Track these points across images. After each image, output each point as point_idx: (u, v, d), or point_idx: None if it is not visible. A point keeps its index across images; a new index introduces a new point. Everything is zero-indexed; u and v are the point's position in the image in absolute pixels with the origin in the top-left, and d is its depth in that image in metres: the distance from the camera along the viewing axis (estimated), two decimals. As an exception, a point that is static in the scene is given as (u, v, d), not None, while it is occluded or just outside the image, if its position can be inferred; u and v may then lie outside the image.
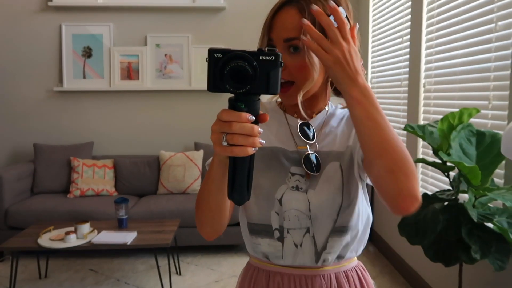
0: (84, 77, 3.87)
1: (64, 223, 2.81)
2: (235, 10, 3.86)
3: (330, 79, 0.86)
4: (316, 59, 0.78)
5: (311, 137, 0.86)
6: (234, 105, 0.59)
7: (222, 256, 3.24)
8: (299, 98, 0.80)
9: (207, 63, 0.59)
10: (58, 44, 3.87)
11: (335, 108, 0.92)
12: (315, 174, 0.84)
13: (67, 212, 3.16)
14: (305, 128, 0.87)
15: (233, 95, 0.59)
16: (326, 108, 0.90)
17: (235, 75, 0.57)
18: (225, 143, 0.58)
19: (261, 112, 0.61)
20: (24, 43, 3.84)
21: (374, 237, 3.43)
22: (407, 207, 0.68)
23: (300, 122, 0.87)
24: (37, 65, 3.87)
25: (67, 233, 2.51)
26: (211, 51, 0.58)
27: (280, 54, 0.59)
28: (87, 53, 3.89)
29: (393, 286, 2.73)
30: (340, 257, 0.87)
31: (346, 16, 0.78)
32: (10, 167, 3.45)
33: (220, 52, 0.58)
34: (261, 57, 0.58)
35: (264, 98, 0.69)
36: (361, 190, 0.86)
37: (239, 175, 0.62)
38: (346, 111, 0.91)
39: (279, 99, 0.93)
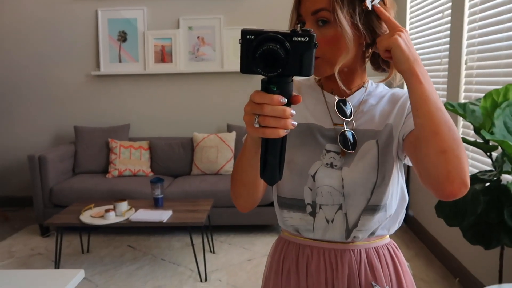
0: (120, 61, 3.97)
1: (103, 202, 2.93)
2: (267, -11, 3.80)
3: (367, 55, 0.84)
4: (348, 30, 0.76)
5: (348, 115, 0.85)
6: (266, 87, 0.58)
7: (255, 235, 3.28)
8: (336, 71, 0.78)
9: (239, 44, 0.58)
10: (94, 29, 3.97)
11: (376, 87, 0.89)
12: (351, 152, 0.83)
13: (106, 191, 3.29)
14: (342, 105, 0.85)
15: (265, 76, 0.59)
16: (365, 86, 0.88)
17: (266, 58, 0.56)
18: (257, 125, 0.59)
19: (294, 93, 0.60)
20: (63, 29, 3.97)
21: (409, 220, 3.36)
22: (455, 191, 0.66)
23: (337, 99, 0.86)
24: (75, 50, 4.00)
25: (107, 211, 2.62)
26: (244, 32, 0.57)
27: (315, 34, 0.57)
28: (122, 37, 3.97)
29: (429, 268, 2.67)
30: (371, 234, 0.86)
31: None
32: (53, 149, 3.62)
33: (253, 34, 0.56)
34: (294, 38, 0.56)
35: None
36: (397, 170, 0.85)
37: (271, 156, 0.62)
38: (388, 90, 0.89)
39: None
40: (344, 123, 0.85)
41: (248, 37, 0.57)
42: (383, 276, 0.85)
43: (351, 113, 0.85)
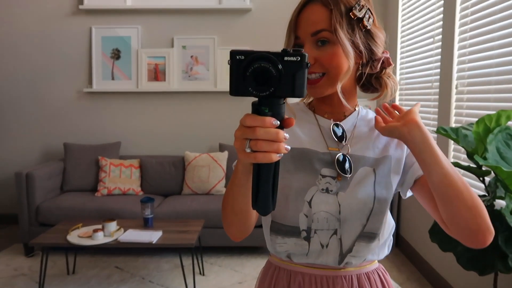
0: (113, 79, 3.96)
1: (92, 221, 2.87)
2: (261, 11, 3.86)
3: (358, 75, 0.85)
4: (350, 48, 0.78)
5: (343, 139, 0.85)
6: (257, 109, 0.56)
7: (246, 257, 3.22)
8: (339, 89, 0.80)
9: (229, 66, 0.56)
10: (88, 46, 3.97)
11: (366, 112, 0.91)
12: (347, 176, 0.82)
13: (95, 210, 3.23)
14: (336, 129, 0.85)
15: (256, 99, 0.56)
16: (357, 109, 0.89)
17: (258, 77, 0.54)
18: (248, 150, 0.56)
19: (286, 116, 0.57)
20: (56, 45, 3.96)
21: (401, 243, 3.34)
22: (485, 240, 0.74)
23: (333, 122, 0.86)
24: (68, 67, 3.98)
25: (95, 231, 2.56)
26: (233, 53, 0.55)
27: (306, 54, 0.55)
28: (116, 55, 3.97)
29: (422, 293, 2.65)
30: (363, 260, 0.87)
31: (368, 9, 0.79)
32: (41, 166, 3.56)
33: (243, 54, 0.55)
34: (285, 58, 0.54)
35: (291, 100, 0.67)
36: (390, 199, 0.85)
37: (263, 183, 0.59)
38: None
39: (308, 100, 0.92)
40: (340, 148, 0.85)
41: (237, 57, 0.55)
42: None
43: (345, 137, 0.85)
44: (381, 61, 0.85)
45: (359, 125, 0.87)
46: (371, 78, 0.87)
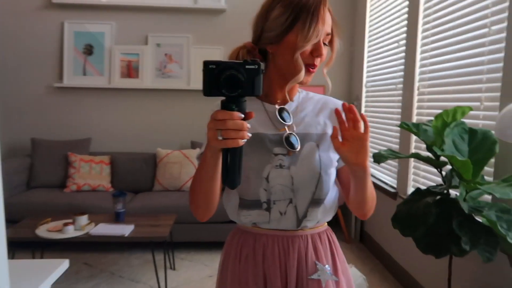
0: (85, 74, 3.91)
1: (61, 216, 2.82)
2: (236, 12, 3.94)
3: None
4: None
5: (289, 120, 0.98)
6: (227, 106, 0.71)
7: (215, 252, 3.26)
8: (329, 81, 1.01)
9: (202, 72, 0.70)
10: (59, 41, 3.91)
11: (306, 93, 1.06)
12: (295, 151, 0.96)
13: (64, 206, 3.18)
14: (282, 112, 0.99)
15: (225, 98, 0.71)
16: (299, 92, 1.04)
17: (229, 82, 0.69)
18: (220, 138, 0.71)
19: (247, 111, 0.73)
20: (27, 39, 3.87)
21: (365, 238, 3.48)
22: (367, 217, 1.02)
23: (278, 107, 0.99)
24: (38, 61, 3.90)
25: (65, 224, 2.53)
26: (206, 63, 0.70)
27: (262, 63, 0.72)
28: (88, 50, 3.93)
29: (384, 284, 2.78)
30: (317, 223, 1.01)
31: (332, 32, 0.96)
32: (6, 160, 3.46)
33: (214, 64, 0.69)
34: (247, 66, 0.70)
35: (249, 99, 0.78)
36: (335, 169, 1.00)
37: (232, 163, 0.74)
38: (323, 98, 1.06)
39: None
40: (286, 128, 0.97)
41: (210, 66, 0.69)
42: (324, 256, 1.01)
43: (290, 118, 0.99)
44: None
45: (301, 105, 1.02)
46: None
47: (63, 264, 1.21)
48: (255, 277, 0.98)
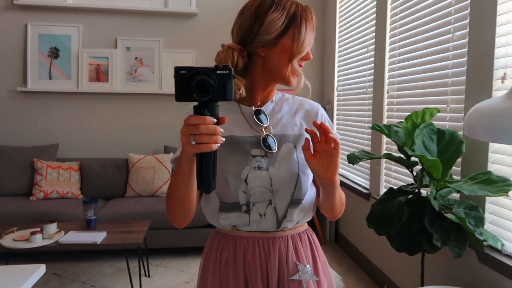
0: (50, 78, 3.79)
1: (27, 225, 2.71)
2: (207, 16, 3.93)
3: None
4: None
5: (266, 122, 0.99)
6: (199, 111, 0.71)
7: (192, 258, 3.23)
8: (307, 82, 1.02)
9: (174, 78, 0.70)
10: (23, 44, 3.77)
11: (282, 95, 1.07)
12: (273, 152, 0.97)
13: (30, 214, 3.05)
14: (259, 114, 1.00)
15: (197, 103, 0.72)
16: (275, 95, 1.05)
17: (200, 86, 0.70)
18: (193, 142, 0.70)
19: (220, 116, 0.73)
20: (-14, 41, 3.70)
21: (340, 240, 3.55)
22: (336, 218, 1.07)
23: (254, 108, 1.00)
24: (0, 64, 3.74)
25: (33, 233, 2.43)
26: (177, 69, 0.70)
27: (232, 68, 0.73)
28: (54, 53, 3.81)
29: (359, 283, 2.84)
30: (296, 223, 1.01)
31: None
32: (-33, 168, 3.29)
33: (185, 69, 0.70)
34: (218, 72, 0.71)
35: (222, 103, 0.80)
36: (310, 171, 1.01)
37: (206, 168, 0.74)
38: (298, 99, 1.07)
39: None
40: (263, 129, 0.98)
41: (181, 72, 0.70)
42: (304, 256, 1.01)
43: (267, 120, 1.00)
44: None
45: (278, 106, 1.03)
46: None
47: (40, 270, 1.17)
48: (236, 280, 0.97)
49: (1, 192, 3.41)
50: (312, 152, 0.87)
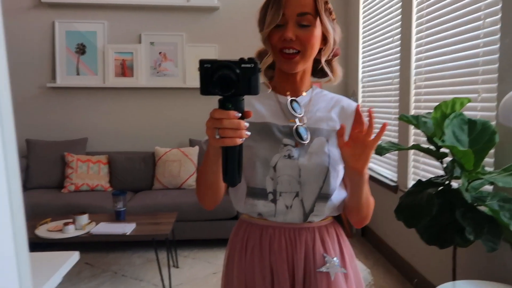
0: (78, 74, 3.88)
1: (60, 217, 2.81)
2: (229, 9, 3.93)
3: (316, 57, 0.99)
4: (331, 29, 0.94)
5: (300, 112, 0.99)
6: (223, 105, 0.71)
7: (219, 249, 3.27)
8: (323, 61, 0.98)
9: (198, 72, 0.70)
10: (51, 41, 3.87)
11: (320, 91, 1.06)
12: (304, 143, 0.96)
13: (63, 206, 3.16)
14: (294, 104, 0.99)
15: (222, 97, 0.71)
16: (312, 88, 1.05)
17: (221, 81, 0.68)
18: (217, 136, 0.70)
19: (246, 109, 0.72)
20: (17, 40, 3.82)
21: (368, 233, 3.52)
22: (362, 226, 1.03)
23: (289, 98, 1.00)
24: (29, 62, 3.86)
25: (66, 224, 2.52)
26: (202, 62, 0.70)
27: (258, 61, 0.71)
28: (81, 50, 3.90)
29: (387, 277, 2.81)
30: (324, 217, 1.01)
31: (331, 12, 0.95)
32: (2, 163, 3.42)
33: (209, 63, 0.69)
34: (242, 65, 0.70)
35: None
36: (343, 168, 0.98)
37: (231, 162, 0.73)
38: (333, 95, 1.06)
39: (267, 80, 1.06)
40: (297, 120, 0.98)
41: (205, 65, 0.69)
42: (331, 248, 1.00)
43: (301, 110, 0.99)
44: (333, 51, 1.01)
45: (315, 100, 1.02)
46: (327, 64, 1.03)
47: (73, 256, 1.22)
48: (262, 269, 0.97)
49: (34, 184, 3.54)
50: (346, 140, 0.86)
